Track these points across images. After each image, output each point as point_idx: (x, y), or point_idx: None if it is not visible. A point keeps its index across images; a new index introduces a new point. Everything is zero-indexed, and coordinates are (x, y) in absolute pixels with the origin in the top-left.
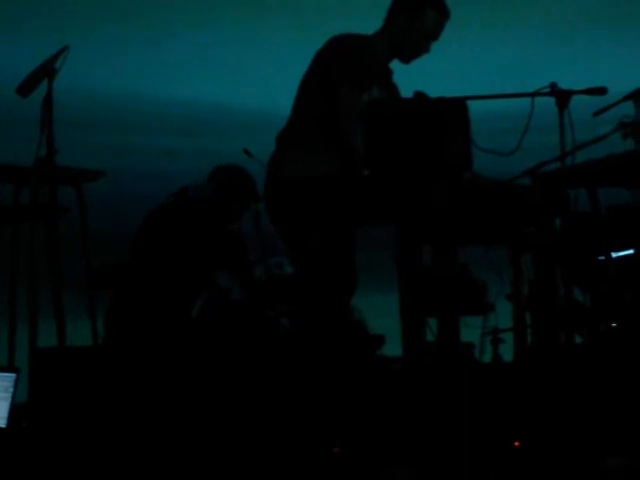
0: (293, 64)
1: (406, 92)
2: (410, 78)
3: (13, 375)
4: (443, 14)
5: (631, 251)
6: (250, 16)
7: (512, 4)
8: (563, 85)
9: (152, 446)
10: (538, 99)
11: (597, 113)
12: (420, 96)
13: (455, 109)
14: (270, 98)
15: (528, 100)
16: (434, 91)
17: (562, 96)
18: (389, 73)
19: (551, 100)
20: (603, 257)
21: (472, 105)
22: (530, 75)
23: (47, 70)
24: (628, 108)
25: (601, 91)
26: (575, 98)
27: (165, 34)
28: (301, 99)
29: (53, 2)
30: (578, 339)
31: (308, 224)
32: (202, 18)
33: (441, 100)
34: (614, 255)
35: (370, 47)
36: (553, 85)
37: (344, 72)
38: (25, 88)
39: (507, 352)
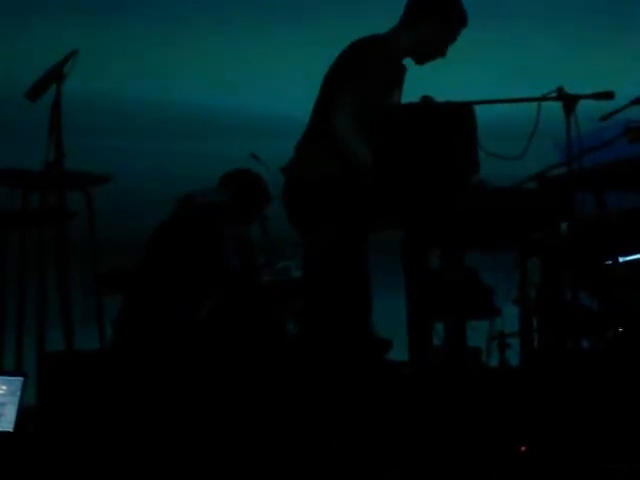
0: (302, 68)
1: (413, 97)
2: (416, 82)
3: (21, 379)
4: (466, 21)
5: (639, 255)
6: (259, 19)
7: (516, 5)
8: (570, 90)
9: (159, 450)
10: (545, 103)
11: (604, 118)
12: (427, 101)
13: (462, 114)
14: (277, 103)
15: (535, 105)
16: (441, 95)
17: (569, 100)
18: (404, 71)
19: (558, 105)
20: (611, 261)
21: (479, 110)
22: (537, 79)
23: (56, 74)
24: (635, 112)
25: (608, 95)
26: (582, 102)
27: (173, 38)
28: (323, 104)
29: (62, 5)
30: (585, 344)
31: (326, 223)
32: (211, 21)
33: (448, 105)
34: (622, 259)
35: (391, 51)
36: (560, 90)
37: (364, 81)
38: (34, 92)
39: (514, 357)
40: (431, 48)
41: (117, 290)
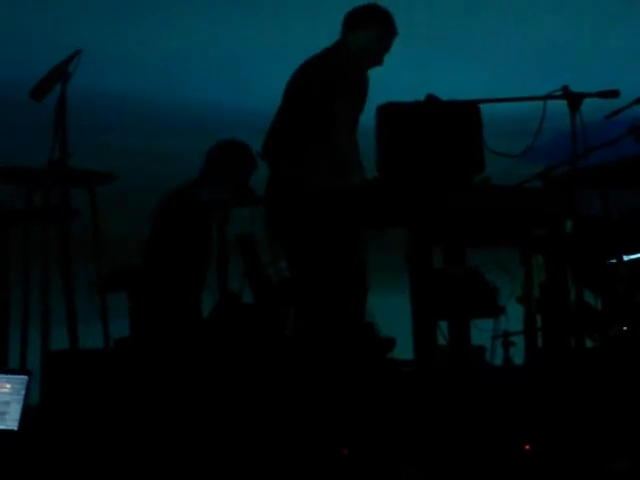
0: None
1: (419, 95)
2: (418, 80)
3: (25, 377)
4: (397, 32)
5: None
6: (263, 19)
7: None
8: (575, 88)
9: (163, 448)
10: (550, 102)
11: (609, 116)
12: (432, 99)
13: (468, 112)
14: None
15: (540, 103)
16: (445, 94)
17: (574, 99)
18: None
19: (563, 103)
20: (614, 260)
21: (484, 108)
22: (542, 78)
23: (60, 74)
24: None
25: (613, 94)
26: (587, 101)
27: (178, 35)
28: (303, 114)
29: (66, 5)
30: (589, 342)
31: (323, 233)
32: (214, 20)
33: (454, 103)
34: (625, 258)
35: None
36: (565, 88)
37: (346, 91)
38: (38, 92)
39: (518, 355)
40: (374, 57)
41: (121, 288)
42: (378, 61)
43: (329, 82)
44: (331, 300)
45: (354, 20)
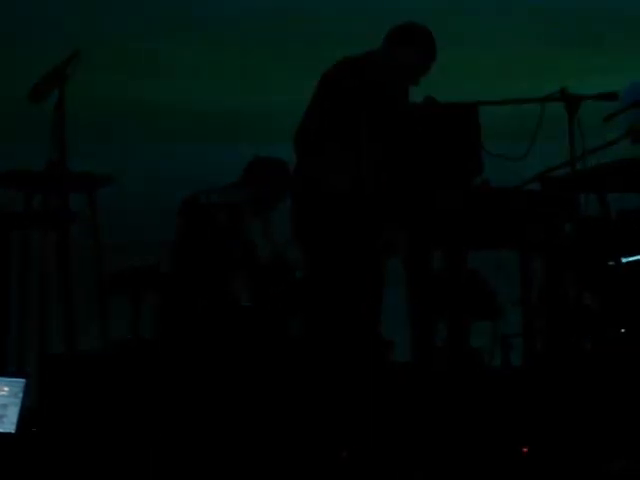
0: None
1: (416, 96)
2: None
3: (23, 380)
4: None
5: None
6: (265, 21)
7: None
8: (573, 90)
9: (162, 451)
10: (548, 104)
11: (607, 118)
12: (430, 101)
13: (466, 114)
14: (280, 104)
15: (538, 105)
16: (443, 95)
17: (572, 101)
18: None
19: (561, 105)
20: (613, 262)
21: (482, 110)
22: (540, 79)
23: (59, 76)
24: (638, 113)
25: (611, 97)
26: (585, 103)
27: (177, 39)
28: (331, 113)
29: (65, 7)
30: (588, 344)
31: (338, 233)
32: (215, 23)
33: (452, 105)
34: (624, 260)
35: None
36: (563, 90)
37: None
38: (37, 94)
39: (516, 358)
40: (412, 76)
41: (121, 291)
42: (415, 81)
43: (367, 84)
44: (343, 300)
45: (400, 36)
